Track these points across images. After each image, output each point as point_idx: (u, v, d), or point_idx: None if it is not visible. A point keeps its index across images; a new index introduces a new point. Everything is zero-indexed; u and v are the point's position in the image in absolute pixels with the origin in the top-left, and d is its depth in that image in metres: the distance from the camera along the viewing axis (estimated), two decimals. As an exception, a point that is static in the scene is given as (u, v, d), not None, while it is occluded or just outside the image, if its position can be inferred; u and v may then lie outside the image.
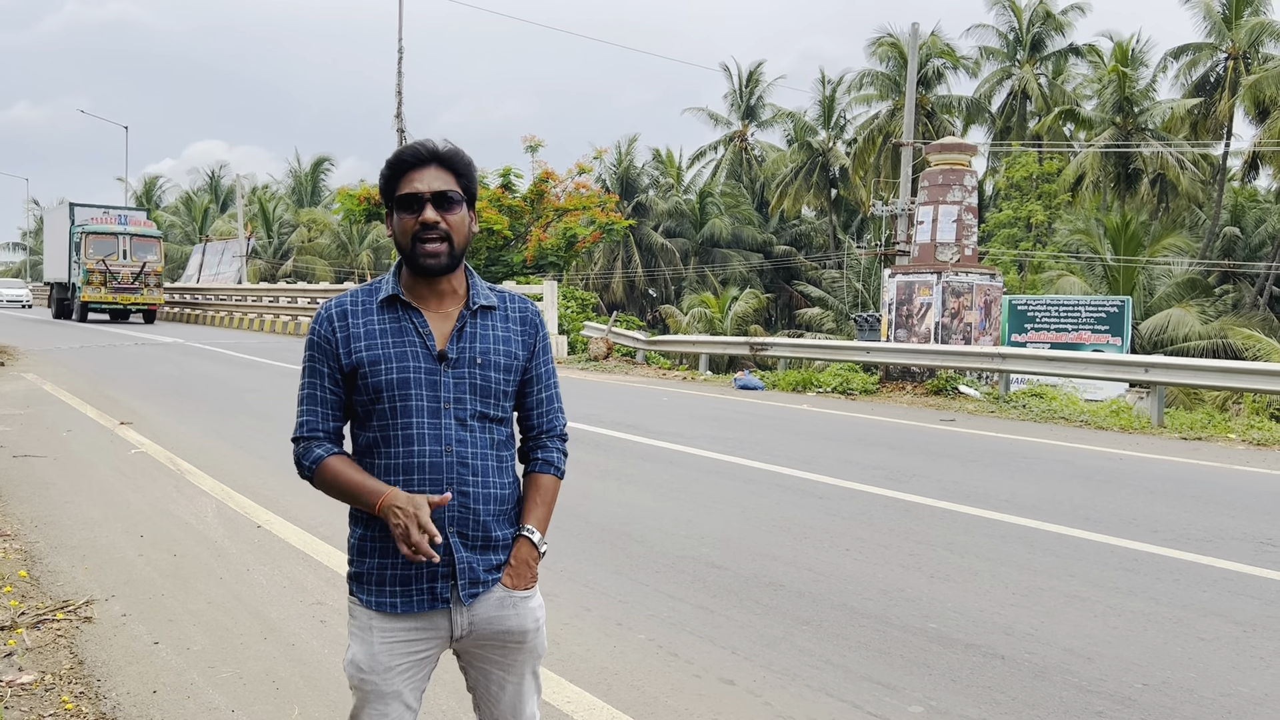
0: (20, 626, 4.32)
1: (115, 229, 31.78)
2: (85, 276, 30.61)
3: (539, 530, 2.19)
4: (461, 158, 2.12)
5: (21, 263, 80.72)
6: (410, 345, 2.08)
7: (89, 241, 30.78)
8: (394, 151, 2.13)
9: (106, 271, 30.60)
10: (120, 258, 31.15)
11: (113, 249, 31.12)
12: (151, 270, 31.64)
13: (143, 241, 32.10)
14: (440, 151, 2.10)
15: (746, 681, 3.89)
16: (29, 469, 7.78)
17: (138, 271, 31.17)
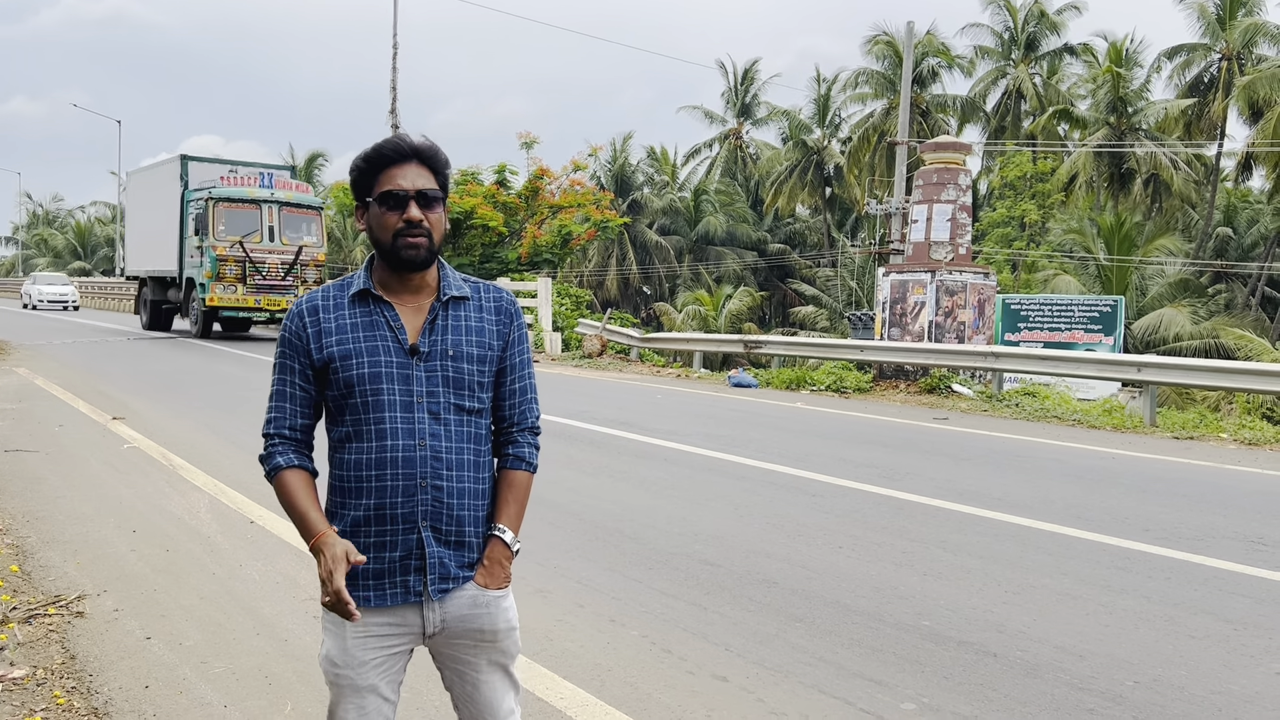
0: (12, 621, 4.30)
1: (258, 195, 21.05)
2: (214, 268, 20.34)
3: (511, 529, 2.18)
4: (440, 155, 2.13)
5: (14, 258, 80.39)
6: (382, 339, 2.08)
7: (218, 214, 20.44)
8: (371, 145, 2.12)
9: (247, 261, 20.39)
10: (266, 238, 20.96)
11: (253, 225, 20.81)
12: (311, 259, 21.41)
13: (298, 214, 21.62)
14: (419, 147, 2.10)
15: (739, 678, 3.89)
16: (21, 464, 7.76)
17: (291, 260, 20.99)
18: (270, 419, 2.14)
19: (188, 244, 21.69)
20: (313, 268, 21.54)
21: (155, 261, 24.32)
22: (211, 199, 20.44)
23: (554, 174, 27.21)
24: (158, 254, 23.93)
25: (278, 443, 2.14)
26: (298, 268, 21.12)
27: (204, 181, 21.77)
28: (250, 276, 20.52)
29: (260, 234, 20.81)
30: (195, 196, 21.33)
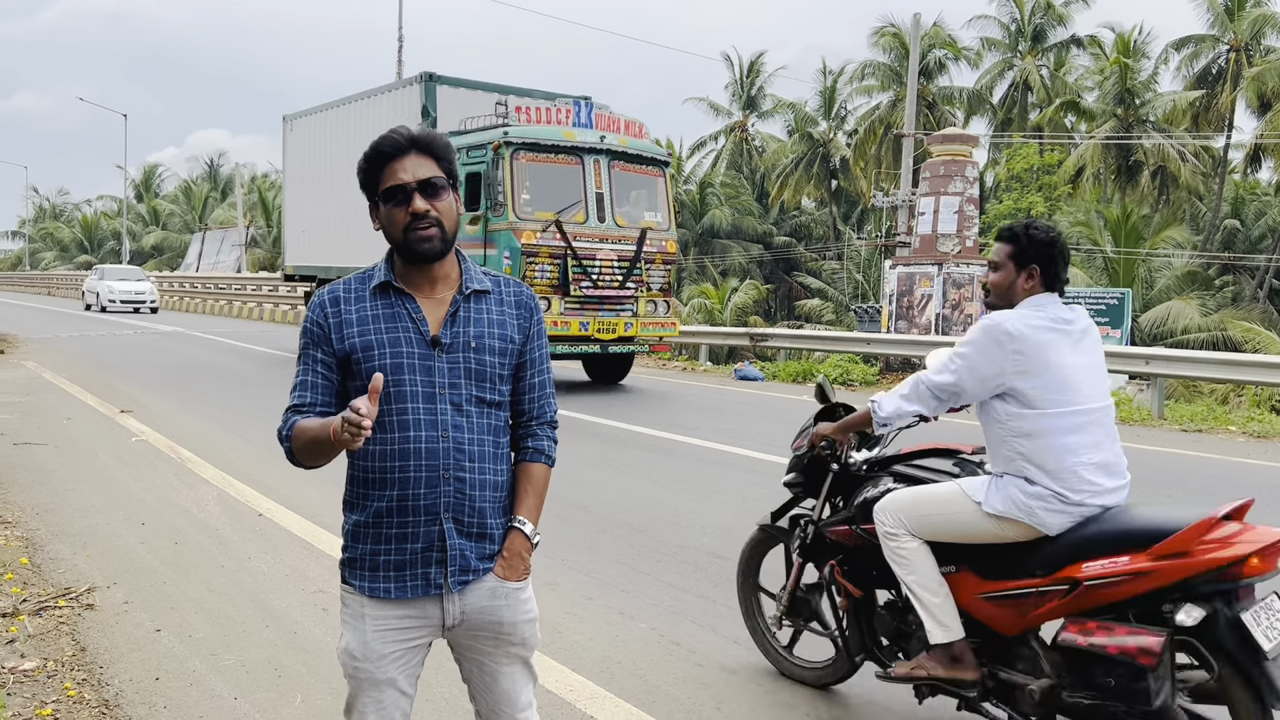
0: (22, 614, 4.32)
1: (584, 139, 12.68)
2: (517, 269, 12.16)
3: (531, 521, 2.18)
4: (439, 141, 2.11)
5: (20, 251, 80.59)
6: (404, 331, 2.07)
7: (522, 172, 12.24)
8: (370, 143, 2.11)
9: (569, 256, 12.34)
10: (592, 215, 12.63)
11: (572, 192, 12.57)
12: (659, 251, 13.19)
13: (636, 173, 13.30)
14: (417, 137, 2.08)
15: (748, 670, 3.89)
16: (30, 456, 7.78)
17: (632, 254, 12.77)
18: (290, 405, 2.13)
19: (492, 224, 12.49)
20: (660, 266, 13.04)
21: (351, 254, 15.31)
22: (509, 144, 11.88)
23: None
24: (358, 241, 14.83)
25: (290, 415, 2.12)
26: (641, 267, 12.64)
27: (467, 120, 13.29)
28: (575, 282, 12.16)
29: (584, 208, 12.32)
30: (471, 142, 12.51)
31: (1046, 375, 2.97)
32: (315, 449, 2.05)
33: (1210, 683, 2.75)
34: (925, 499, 3.20)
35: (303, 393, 2.12)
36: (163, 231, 65.82)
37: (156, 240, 64.59)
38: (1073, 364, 3.02)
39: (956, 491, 3.13)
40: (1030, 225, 3.14)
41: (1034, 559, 2.98)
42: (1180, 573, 2.75)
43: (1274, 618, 2.73)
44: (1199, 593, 2.75)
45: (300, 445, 2.08)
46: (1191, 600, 2.74)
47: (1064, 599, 2.89)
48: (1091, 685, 2.79)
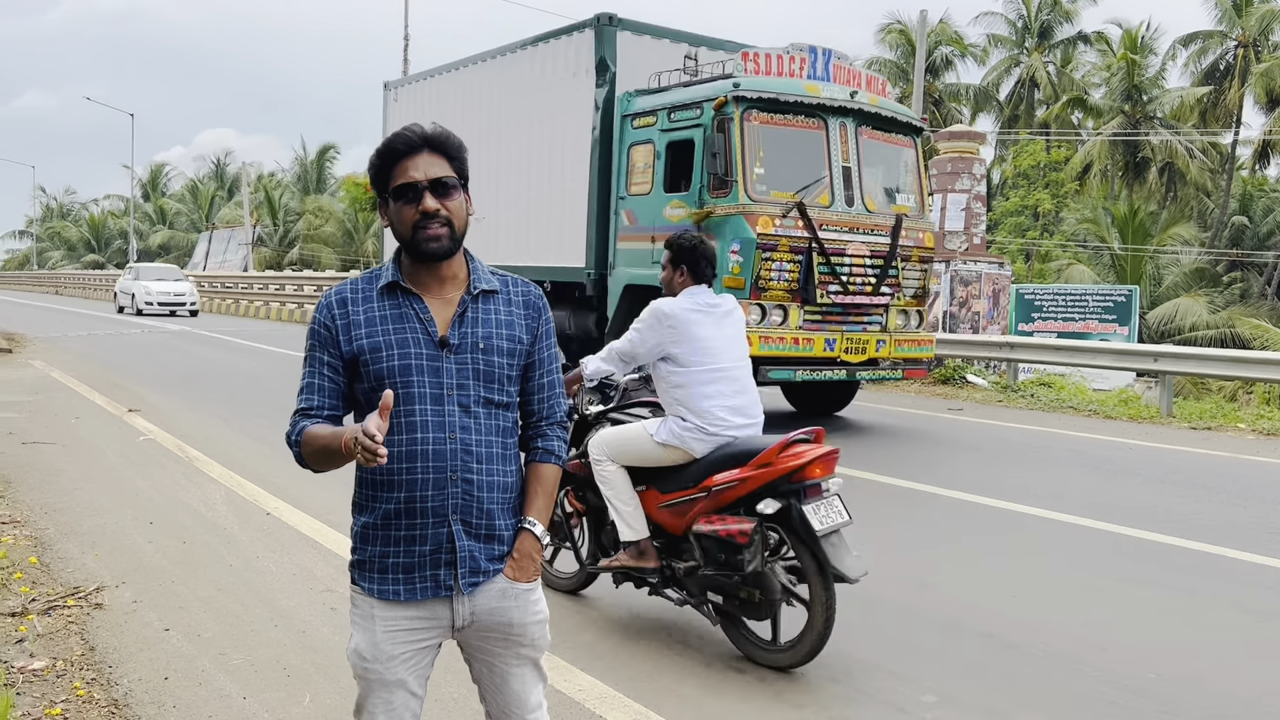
0: (31, 613, 4.32)
1: (831, 95, 9.59)
2: (750, 266, 8.99)
3: (541, 522, 2.17)
4: (452, 140, 2.10)
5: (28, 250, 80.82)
6: (411, 331, 2.06)
7: (753, 138, 9.23)
8: (383, 140, 2.10)
9: (813, 250, 9.23)
10: (838, 198, 9.56)
11: (815, 168, 9.51)
12: (915, 244, 10.11)
13: (886, 143, 10.35)
14: (430, 135, 2.07)
15: (757, 671, 3.88)
16: (38, 456, 7.79)
17: (888, 247, 9.76)
18: (298, 409, 2.12)
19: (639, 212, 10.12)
20: (916, 265, 10.16)
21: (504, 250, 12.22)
22: (739, 100, 9.13)
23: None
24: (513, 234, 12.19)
25: (299, 420, 2.11)
26: (896, 266, 9.87)
27: (658, 75, 10.52)
28: (822, 285, 9.33)
29: (828, 188, 9.50)
30: (677, 100, 9.82)
31: (692, 344, 4.08)
32: (326, 458, 2.04)
33: (794, 559, 3.88)
34: (622, 434, 4.29)
35: (310, 395, 2.11)
36: (170, 231, 65.96)
37: (164, 239, 64.71)
38: (715, 335, 4.12)
39: (640, 428, 4.22)
40: (680, 236, 4.24)
41: (687, 475, 4.07)
42: (766, 477, 3.85)
43: (830, 510, 3.87)
44: (780, 491, 3.84)
45: (310, 452, 2.07)
46: (774, 497, 3.84)
47: (704, 502, 3.98)
48: (712, 561, 3.93)
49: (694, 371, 4.06)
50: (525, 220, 12.10)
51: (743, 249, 8.94)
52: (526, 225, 12.10)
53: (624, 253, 10.35)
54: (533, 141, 11.99)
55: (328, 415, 2.11)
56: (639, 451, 4.17)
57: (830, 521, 3.82)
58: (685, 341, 4.06)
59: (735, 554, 3.81)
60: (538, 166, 11.87)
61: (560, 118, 11.40)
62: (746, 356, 4.25)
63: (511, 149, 12.37)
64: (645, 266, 9.85)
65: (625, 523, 4.18)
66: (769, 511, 3.81)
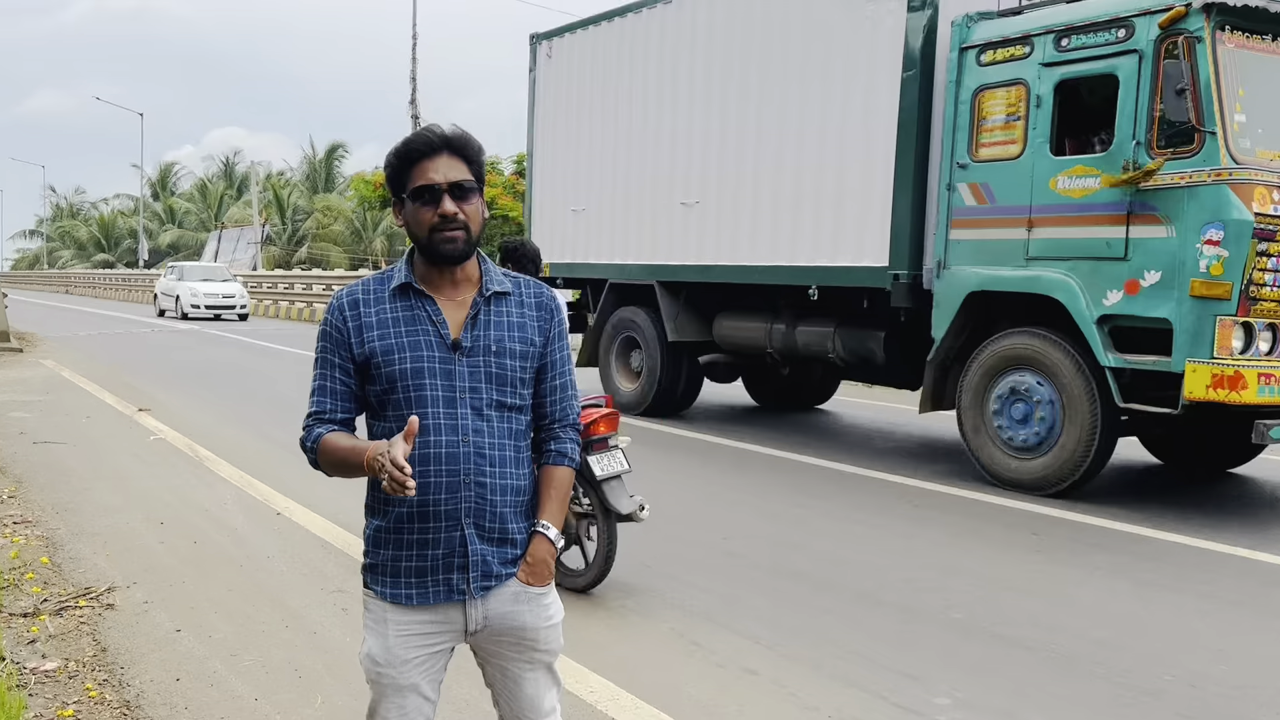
0: (43, 613, 4.32)
1: None
2: (1241, 266, 5.83)
3: (555, 525, 2.16)
4: (471, 143, 2.08)
5: (38, 250, 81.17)
6: (424, 334, 2.04)
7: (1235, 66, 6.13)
8: (402, 140, 2.08)
9: None
10: None
11: None
12: None
13: None
14: (450, 137, 2.05)
15: (770, 671, 3.86)
16: (49, 455, 7.81)
17: None
18: (310, 412, 2.11)
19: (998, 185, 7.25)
20: None
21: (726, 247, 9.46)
22: (1212, 7, 6.14)
23: (575, 163, 27.09)
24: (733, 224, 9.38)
25: (314, 425, 2.09)
26: None
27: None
28: None
29: None
30: (1087, 16, 6.77)
31: None
32: (344, 470, 2.04)
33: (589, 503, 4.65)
34: None
35: (322, 399, 2.10)
36: (179, 229, 66.14)
37: (173, 238, 64.89)
38: None
39: None
40: (506, 241, 5.04)
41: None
42: None
43: (612, 461, 4.57)
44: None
45: (327, 462, 2.06)
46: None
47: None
48: None
49: None
50: (768, 205, 8.87)
51: (1228, 237, 5.90)
52: (770, 212, 8.88)
53: (965, 245, 7.34)
54: (783, 98, 8.76)
55: (341, 419, 2.10)
56: None
57: (610, 470, 4.57)
58: None
59: None
60: (791, 131, 8.70)
61: (835, 61, 8.33)
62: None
63: (743, 111, 9.13)
64: (1010, 264, 7.02)
65: None
66: None
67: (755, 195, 9.02)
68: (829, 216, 8.35)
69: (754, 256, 9.02)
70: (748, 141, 9.10)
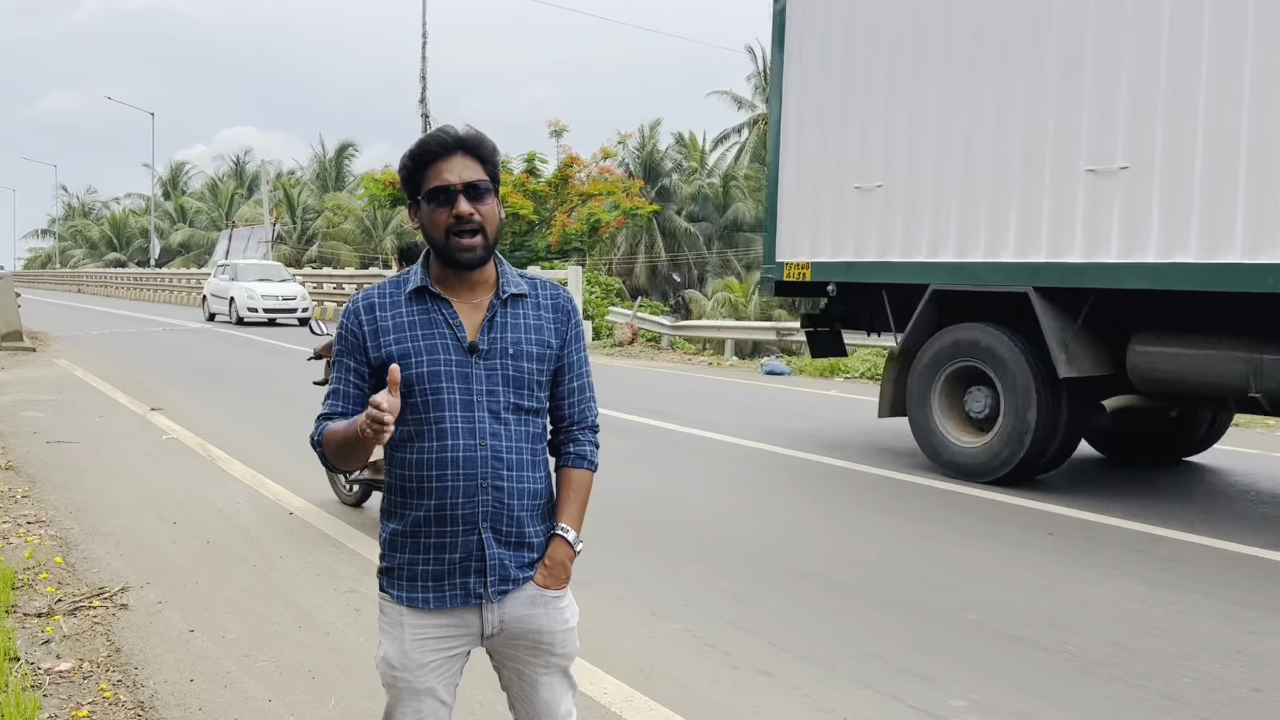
0: (58, 613, 4.33)
1: None
2: None
3: (574, 528, 2.14)
4: (486, 143, 2.06)
5: (50, 249, 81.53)
6: (440, 337, 2.03)
7: None
8: (416, 141, 2.07)
9: None
10: None
11: None
12: None
13: None
14: (464, 138, 2.04)
15: (785, 673, 3.84)
16: (62, 455, 7.84)
17: None
18: (322, 413, 2.11)
19: None
20: None
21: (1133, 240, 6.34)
22: None
23: (583, 162, 27.20)
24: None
25: (322, 423, 2.10)
26: None
27: None
28: None
29: None
30: None
31: None
32: (346, 450, 2.02)
33: None
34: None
35: (335, 401, 2.09)
36: (190, 229, 66.37)
37: (184, 237, 65.12)
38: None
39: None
40: (404, 244, 5.73)
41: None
42: None
43: None
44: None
45: (332, 449, 2.06)
46: None
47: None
48: None
49: None
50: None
51: None
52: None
53: None
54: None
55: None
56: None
57: None
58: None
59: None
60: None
61: None
62: None
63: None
64: None
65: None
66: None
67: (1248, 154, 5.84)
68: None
69: (1242, 249, 5.86)
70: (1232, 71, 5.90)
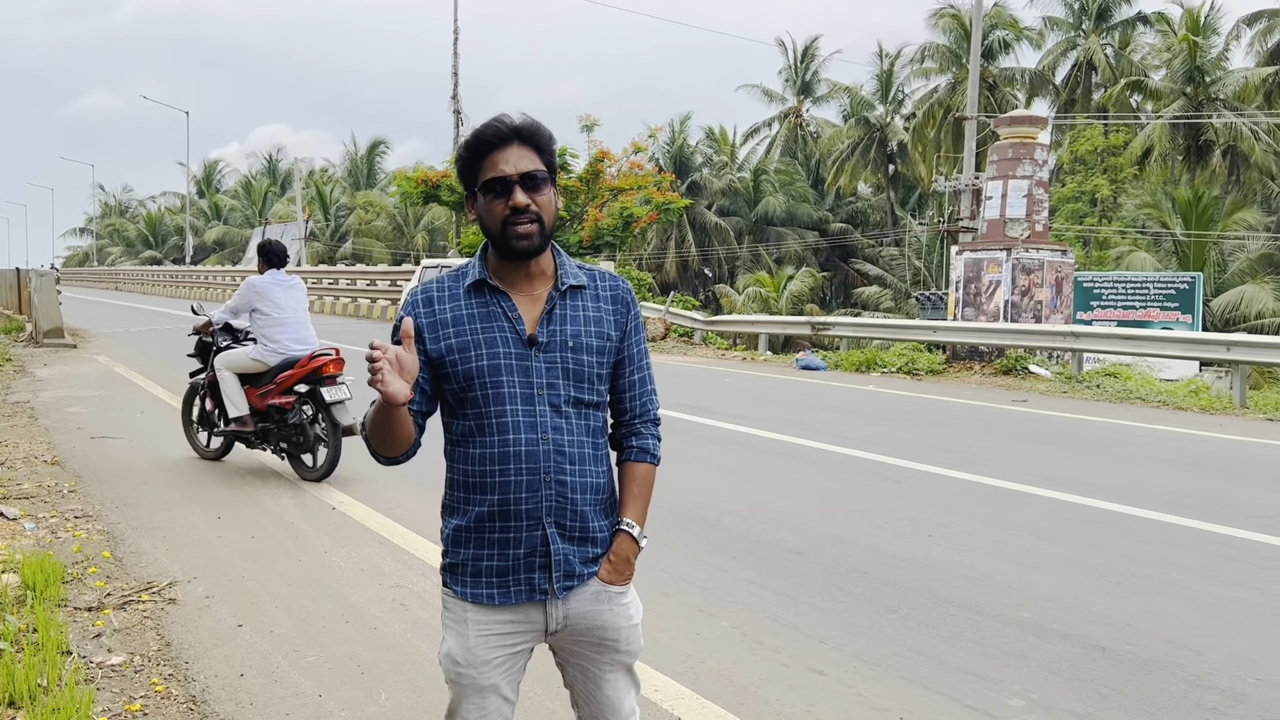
0: (107, 607, 4.35)
1: None
2: None
3: (638, 524, 2.11)
4: (542, 132, 2.02)
5: (88, 247, 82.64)
6: (500, 330, 1.99)
7: None
8: (472, 131, 2.02)
9: None
10: None
11: None
12: None
13: None
14: (520, 127, 1.99)
15: (837, 671, 3.78)
16: (106, 450, 7.90)
17: None
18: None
19: None
20: None
21: None
22: None
23: (614, 157, 27.09)
24: None
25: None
26: None
27: None
28: None
29: None
30: None
31: (269, 303, 6.94)
32: (380, 425, 1.98)
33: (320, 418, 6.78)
34: (233, 354, 7.11)
35: None
36: (224, 226, 67.04)
37: (218, 235, 65.79)
38: (283, 297, 7.00)
39: (243, 351, 7.08)
40: (262, 243, 7.25)
41: (267, 376, 6.96)
42: (302, 374, 6.81)
43: (339, 391, 6.72)
44: (313, 380, 6.77)
45: (372, 430, 2.02)
46: (307, 383, 6.80)
47: (274, 390, 6.88)
48: (277, 421, 6.91)
49: (270, 318, 6.94)
50: None
51: None
52: None
53: None
54: None
55: (413, 412, 2.04)
56: (242, 363, 7.05)
57: (337, 397, 6.71)
58: (265, 301, 6.95)
59: (285, 414, 6.87)
60: None
61: None
62: (304, 309, 7.17)
63: None
64: None
65: (234, 406, 6.99)
66: (301, 390, 6.85)
67: None
68: None
69: None
70: None
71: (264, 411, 6.92)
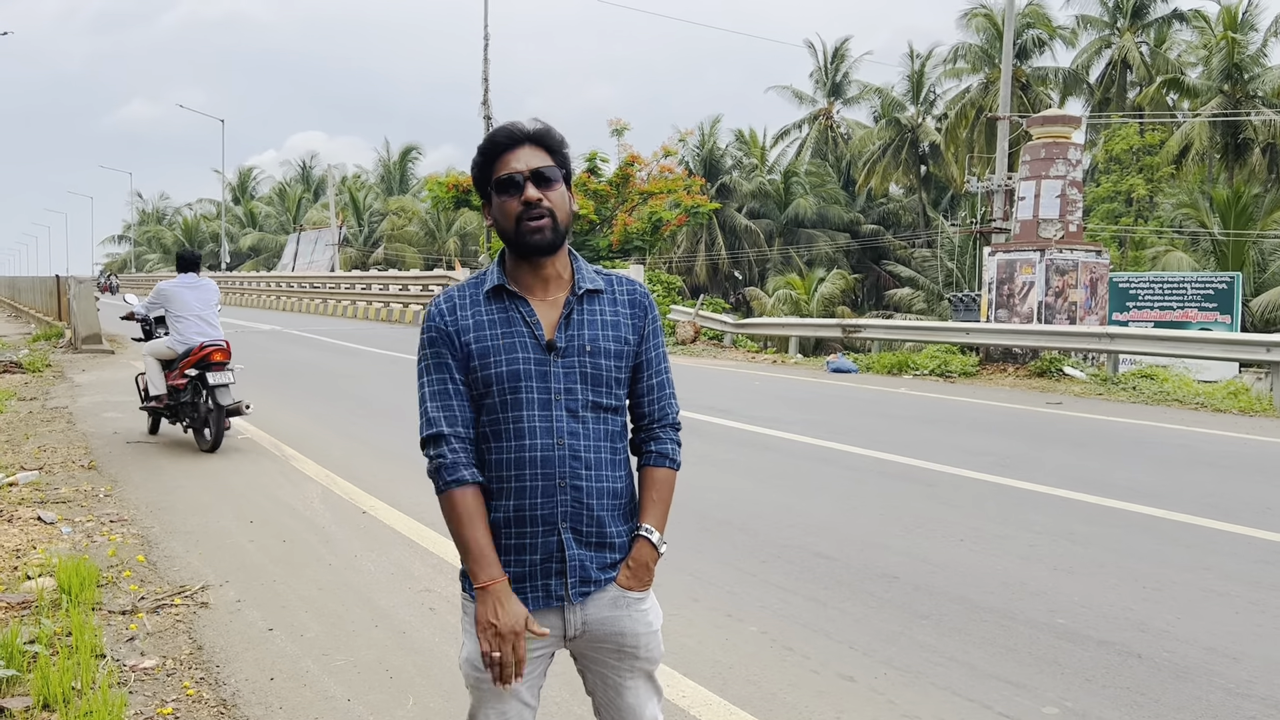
0: (140, 611, 4.40)
1: None
2: None
3: (658, 529, 2.10)
4: (553, 135, 2.05)
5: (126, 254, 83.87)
6: (519, 336, 2.00)
7: None
8: (485, 137, 2.06)
9: None
10: None
11: None
12: None
13: None
14: (531, 131, 2.03)
15: (867, 678, 3.74)
16: (141, 454, 8.01)
17: None
18: (431, 419, 2.01)
19: None
20: None
21: None
22: None
23: (644, 160, 27.10)
24: None
25: (455, 446, 1.99)
26: None
27: None
28: None
29: None
30: None
31: (179, 302, 8.20)
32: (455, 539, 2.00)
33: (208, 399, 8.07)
34: (154, 343, 8.41)
35: (446, 403, 2.01)
36: (259, 233, 67.82)
37: (254, 241, 66.57)
38: (191, 298, 8.23)
39: (162, 340, 8.36)
40: (180, 250, 8.65)
41: (176, 361, 8.18)
42: (195, 359, 8.06)
43: (223, 376, 7.99)
44: (202, 366, 8.03)
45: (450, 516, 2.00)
46: (198, 368, 8.05)
47: (178, 373, 8.15)
48: (177, 399, 8.26)
49: (179, 315, 8.17)
50: None
51: None
52: None
53: None
54: None
55: (468, 422, 2.01)
56: (159, 350, 8.31)
57: (221, 380, 7.91)
58: (171, 302, 8.21)
59: (180, 394, 8.16)
60: None
61: None
62: (214, 306, 8.36)
63: None
64: None
65: (155, 386, 8.34)
66: (192, 373, 8.04)
67: None
68: None
69: None
70: None
71: (177, 390, 8.24)
